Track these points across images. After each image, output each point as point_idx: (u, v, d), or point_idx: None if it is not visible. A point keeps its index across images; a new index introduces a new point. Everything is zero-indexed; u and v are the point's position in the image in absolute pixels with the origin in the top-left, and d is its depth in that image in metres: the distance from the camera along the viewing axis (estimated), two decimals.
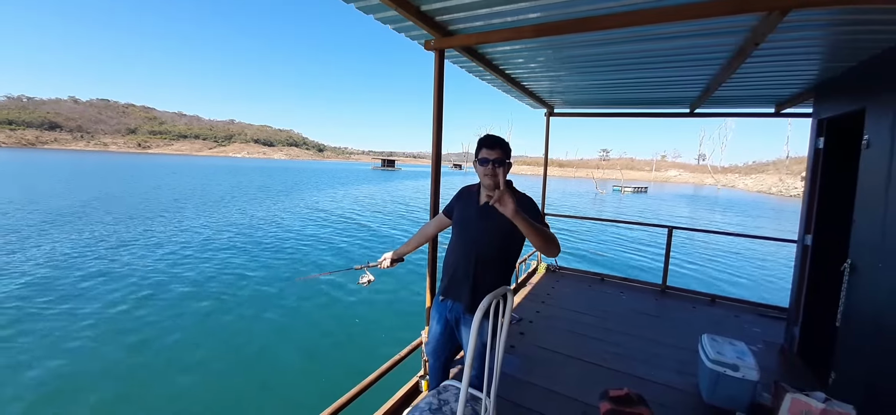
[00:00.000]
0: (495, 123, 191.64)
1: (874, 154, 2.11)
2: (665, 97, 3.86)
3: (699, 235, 13.81)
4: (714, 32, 2.18)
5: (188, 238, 10.71)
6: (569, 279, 4.78)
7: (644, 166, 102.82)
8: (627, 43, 2.46)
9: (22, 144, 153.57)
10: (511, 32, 2.20)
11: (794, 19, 1.88)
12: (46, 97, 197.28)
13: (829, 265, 2.60)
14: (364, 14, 2.15)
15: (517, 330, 3.24)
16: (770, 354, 3.06)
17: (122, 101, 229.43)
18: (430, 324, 1.95)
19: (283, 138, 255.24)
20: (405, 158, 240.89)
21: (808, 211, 2.95)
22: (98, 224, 12.01)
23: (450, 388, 1.67)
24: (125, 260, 8.41)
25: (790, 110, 3.85)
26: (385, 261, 2.05)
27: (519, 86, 3.72)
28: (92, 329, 5.26)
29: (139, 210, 15.10)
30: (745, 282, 9.00)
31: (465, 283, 1.70)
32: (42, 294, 6.33)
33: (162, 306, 6.10)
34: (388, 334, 5.54)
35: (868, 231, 2.11)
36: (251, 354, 4.88)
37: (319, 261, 9.23)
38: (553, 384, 2.48)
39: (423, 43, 2.45)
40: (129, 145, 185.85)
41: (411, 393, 2.39)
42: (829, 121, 2.81)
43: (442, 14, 2.17)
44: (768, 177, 62.50)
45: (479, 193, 1.79)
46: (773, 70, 2.76)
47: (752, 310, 4.01)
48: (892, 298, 1.86)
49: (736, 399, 2.22)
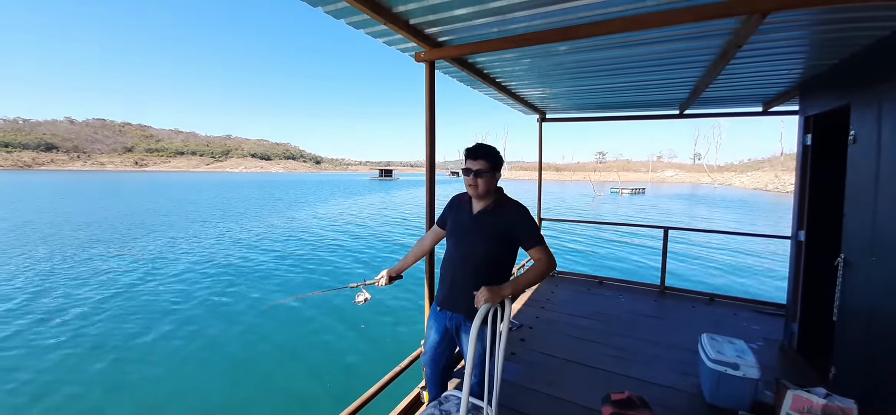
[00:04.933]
0: (491, 130, 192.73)
1: (861, 149, 2.15)
2: (654, 100, 3.92)
3: (696, 235, 13.85)
4: (697, 36, 2.22)
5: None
6: (568, 283, 4.79)
7: (640, 168, 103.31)
8: (613, 48, 2.50)
9: (18, 166, 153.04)
10: (499, 42, 2.23)
11: (774, 21, 1.93)
12: (42, 119, 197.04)
13: (824, 261, 2.62)
14: (354, 29, 2.19)
15: (518, 336, 3.23)
16: (770, 351, 3.06)
17: (118, 120, 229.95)
18: (428, 334, 1.95)
19: (280, 152, 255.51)
20: (403, 167, 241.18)
21: (800, 207, 2.98)
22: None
23: (451, 398, 1.67)
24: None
25: (777, 108, 3.91)
26: (382, 279, 2.01)
27: (510, 93, 3.77)
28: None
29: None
30: (743, 280, 9.02)
31: (462, 291, 1.71)
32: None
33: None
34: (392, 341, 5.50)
35: (859, 225, 2.14)
36: (245, 367, 4.84)
37: (316, 279, 9.16)
38: (555, 390, 2.47)
39: (413, 55, 2.48)
40: (126, 164, 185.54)
41: (413, 405, 2.38)
42: (815, 118, 2.85)
43: (431, 27, 2.21)
44: (764, 174, 62.89)
45: (470, 201, 1.80)
46: (758, 70, 2.81)
47: (751, 307, 4.02)
48: (885, 291, 1.88)
49: (738, 398, 2.22)
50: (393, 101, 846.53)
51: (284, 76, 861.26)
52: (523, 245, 1.66)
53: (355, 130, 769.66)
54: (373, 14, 1.89)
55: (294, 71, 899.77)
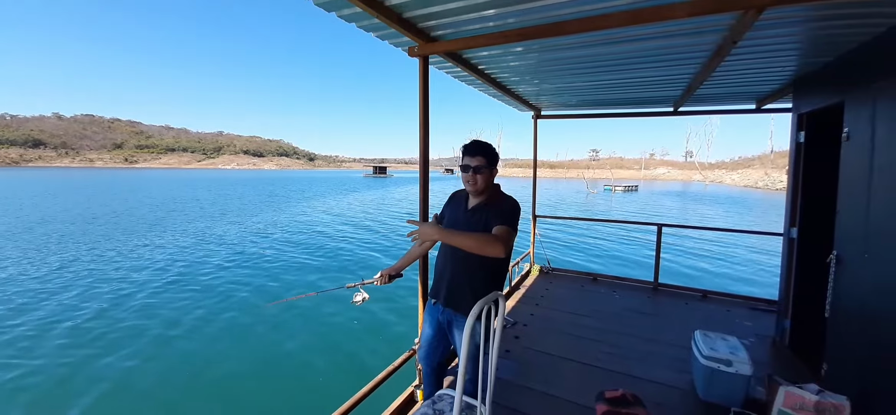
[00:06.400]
0: (486, 127, 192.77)
1: (854, 146, 2.15)
2: (648, 97, 3.91)
3: (689, 231, 13.98)
4: (692, 32, 2.21)
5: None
6: (562, 281, 4.79)
7: (633, 165, 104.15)
8: (608, 45, 2.48)
9: (6, 163, 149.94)
10: (494, 37, 2.20)
11: (770, 17, 1.92)
12: (30, 115, 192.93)
13: (816, 257, 2.64)
14: (346, 22, 2.14)
15: (512, 334, 3.22)
16: (762, 347, 3.08)
17: (107, 116, 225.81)
18: (423, 328, 1.93)
19: (273, 148, 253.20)
20: (397, 164, 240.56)
21: (793, 204, 3.00)
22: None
23: (445, 397, 1.65)
24: None
25: (771, 106, 3.93)
26: (380, 278, 2.01)
27: (505, 90, 3.74)
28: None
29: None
30: (736, 276, 9.12)
31: (455, 286, 1.72)
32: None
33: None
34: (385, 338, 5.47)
35: (852, 222, 2.15)
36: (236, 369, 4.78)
37: (311, 277, 9.10)
38: (549, 387, 2.47)
39: (406, 50, 2.44)
40: (116, 160, 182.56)
41: (406, 404, 2.35)
42: (808, 115, 2.87)
43: (424, 20, 2.17)
44: (754, 172, 63.72)
45: (468, 198, 1.80)
46: (753, 67, 2.81)
47: (744, 304, 4.05)
48: (878, 287, 1.89)
49: (731, 395, 2.23)
50: (387, 98, 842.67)
51: (277, 72, 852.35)
52: (491, 222, 1.60)
53: (349, 127, 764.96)
54: (365, 7, 1.85)
55: (287, 67, 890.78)
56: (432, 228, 1.55)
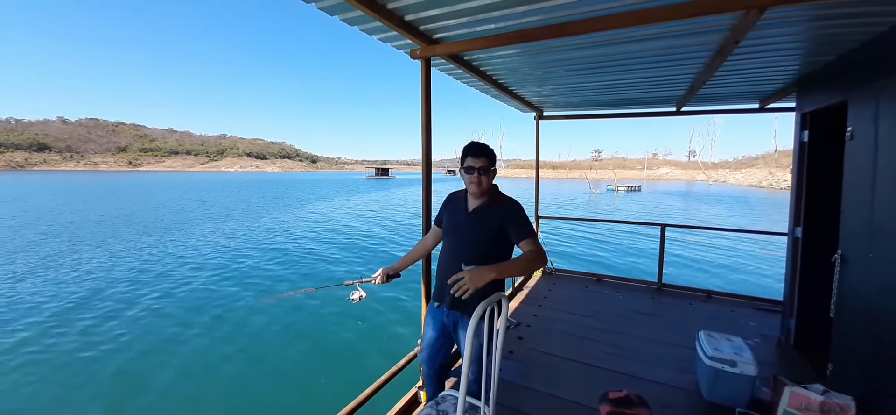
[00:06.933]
0: (488, 128, 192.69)
1: (858, 146, 2.14)
2: (651, 97, 3.91)
3: (693, 232, 13.91)
4: (695, 32, 2.21)
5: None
6: (565, 281, 4.78)
7: (636, 165, 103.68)
8: (610, 45, 2.48)
9: (11, 167, 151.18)
10: (495, 39, 2.21)
11: (771, 16, 1.92)
12: (35, 119, 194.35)
13: (820, 257, 2.62)
14: (348, 26, 2.16)
15: (515, 335, 3.22)
16: (767, 347, 3.07)
17: (111, 120, 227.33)
18: (425, 330, 1.94)
19: (275, 151, 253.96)
20: (399, 166, 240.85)
21: (797, 204, 2.98)
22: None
23: (448, 398, 1.65)
24: None
25: (774, 105, 3.91)
26: (378, 277, 2.00)
27: (507, 91, 3.75)
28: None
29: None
30: (740, 277, 9.06)
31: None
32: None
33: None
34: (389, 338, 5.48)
35: (856, 222, 2.14)
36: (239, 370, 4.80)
37: (311, 273, 9.14)
38: (552, 388, 2.46)
39: (408, 52, 2.45)
40: (120, 164, 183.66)
41: (410, 405, 2.35)
42: (812, 114, 2.85)
43: (426, 23, 2.18)
44: (758, 171, 63.29)
45: (466, 199, 1.80)
46: (755, 66, 2.81)
47: (748, 304, 4.03)
48: (883, 287, 1.88)
49: (735, 395, 2.22)
50: (389, 100, 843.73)
51: (280, 75, 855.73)
52: (513, 238, 1.64)
53: (351, 129, 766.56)
54: (367, 10, 1.86)
55: (290, 69, 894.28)
56: (483, 270, 1.46)
